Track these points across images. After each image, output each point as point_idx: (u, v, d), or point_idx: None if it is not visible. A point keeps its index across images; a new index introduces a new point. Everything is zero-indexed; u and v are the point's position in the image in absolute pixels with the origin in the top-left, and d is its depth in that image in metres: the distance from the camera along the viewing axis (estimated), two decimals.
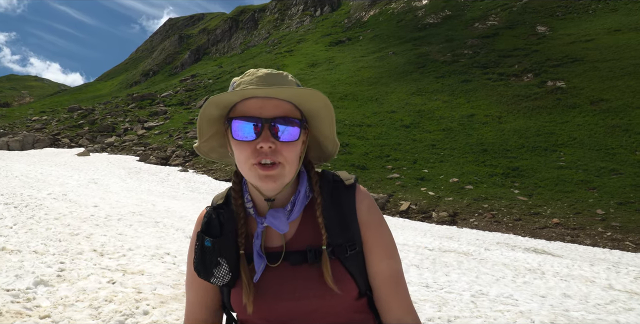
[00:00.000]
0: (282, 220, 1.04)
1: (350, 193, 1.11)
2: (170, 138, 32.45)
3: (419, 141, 24.39)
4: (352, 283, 1.06)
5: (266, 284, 1.05)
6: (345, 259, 1.05)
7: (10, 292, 3.75)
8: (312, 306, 1.03)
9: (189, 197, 14.67)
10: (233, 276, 1.06)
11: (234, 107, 1.03)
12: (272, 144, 0.98)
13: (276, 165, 0.99)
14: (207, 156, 1.16)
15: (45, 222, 6.84)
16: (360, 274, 1.09)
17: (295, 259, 1.05)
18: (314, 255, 1.04)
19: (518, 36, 37.96)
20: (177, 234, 7.55)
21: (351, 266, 1.06)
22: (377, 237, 1.10)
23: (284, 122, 1.00)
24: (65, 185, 12.53)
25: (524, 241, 12.68)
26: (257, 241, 1.06)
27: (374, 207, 1.12)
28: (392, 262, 1.10)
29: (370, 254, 1.09)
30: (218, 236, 1.06)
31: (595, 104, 24.27)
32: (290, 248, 1.07)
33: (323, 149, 1.18)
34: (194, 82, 52.74)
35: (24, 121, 46.56)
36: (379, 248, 1.10)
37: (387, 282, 1.09)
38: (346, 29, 57.93)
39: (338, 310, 1.05)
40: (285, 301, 1.04)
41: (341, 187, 1.12)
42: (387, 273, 1.09)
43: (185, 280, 1.19)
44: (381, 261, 1.09)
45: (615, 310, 5.59)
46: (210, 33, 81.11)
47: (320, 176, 1.13)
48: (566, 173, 18.21)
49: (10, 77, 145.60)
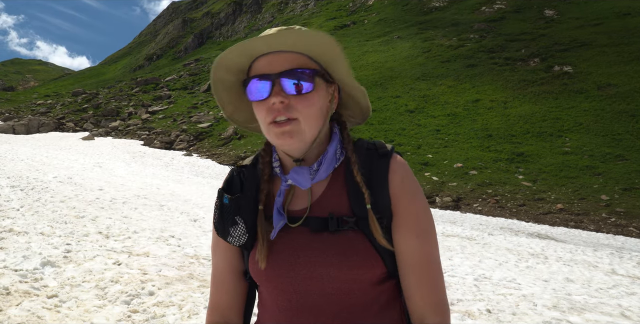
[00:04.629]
0: (305, 176, 0.98)
1: (383, 163, 1.00)
2: (175, 122, 32.46)
3: (424, 126, 24.28)
4: (378, 259, 0.96)
5: (282, 248, 0.99)
6: (371, 233, 0.96)
7: (18, 272, 3.80)
8: (328, 277, 0.96)
9: (193, 181, 14.73)
10: (251, 238, 1.02)
11: (249, 71, 1.00)
12: (284, 98, 0.93)
13: (291, 121, 0.94)
14: (245, 128, 1.14)
15: (52, 205, 6.89)
16: (388, 253, 0.98)
17: (316, 225, 0.98)
18: (335, 223, 0.97)
19: (525, 20, 37.41)
20: (181, 218, 7.60)
21: (376, 240, 0.96)
22: (407, 212, 0.98)
23: (293, 73, 0.94)
24: (70, 169, 12.60)
25: (528, 226, 12.71)
26: (278, 199, 1.01)
27: (409, 179, 1.00)
28: (421, 242, 0.97)
29: (397, 230, 0.98)
30: (237, 193, 1.04)
31: (602, 89, 24.01)
32: (313, 213, 1.00)
33: (356, 102, 1.10)
34: (197, 66, 52.50)
35: (28, 105, 46.69)
36: (407, 224, 0.97)
37: (413, 266, 0.97)
38: (351, 13, 57.23)
39: (357, 287, 0.96)
40: (300, 268, 0.97)
41: (374, 156, 1.02)
42: (412, 255, 0.97)
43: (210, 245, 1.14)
44: (408, 240, 0.97)
45: (618, 294, 5.61)
46: (214, 17, 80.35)
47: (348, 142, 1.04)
48: (571, 159, 18.12)
49: (14, 61, 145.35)
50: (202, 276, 4.43)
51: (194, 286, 4.09)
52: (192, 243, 5.88)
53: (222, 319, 1.12)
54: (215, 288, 1.13)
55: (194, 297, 3.81)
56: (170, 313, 3.43)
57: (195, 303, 3.66)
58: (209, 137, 28.25)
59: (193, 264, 4.84)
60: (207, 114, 32.89)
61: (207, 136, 28.51)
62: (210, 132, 28.90)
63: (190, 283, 4.19)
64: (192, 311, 3.50)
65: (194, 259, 5.02)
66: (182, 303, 3.65)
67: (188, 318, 3.39)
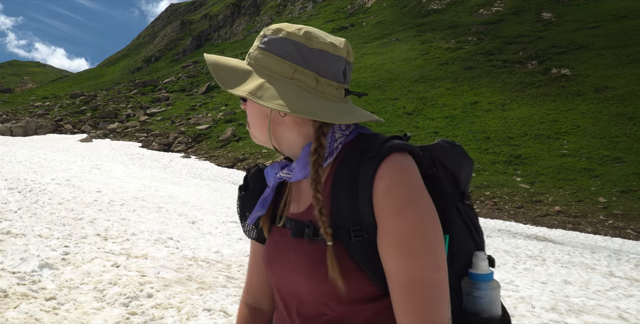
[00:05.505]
0: (271, 173, 1.00)
1: (371, 166, 0.86)
2: (173, 124, 32.45)
3: (422, 129, 24.32)
4: (359, 275, 0.88)
5: (269, 245, 1.03)
6: (350, 245, 0.87)
7: (16, 274, 3.79)
8: (299, 285, 0.94)
9: (191, 183, 14.72)
10: (261, 233, 1.08)
11: None
12: (243, 105, 1.01)
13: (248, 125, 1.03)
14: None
15: (49, 207, 6.88)
16: (377, 269, 0.87)
17: (296, 230, 0.95)
18: (312, 231, 0.91)
19: (523, 23, 37.53)
20: (179, 220, 7.59)
21: (357, 254, 0.87)
22: (390, 226, 0.84)
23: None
24: (68, 170, 12.57)
25: (526, 228, 12.72)
26: (267, 190, 1.02)
27: (397, 186, 0.84)
28: (405, 263, 0.82)
29: (379, 247, 0.86)
30: (246, 190, 1.09)
31: (600, 91, 24.09)
32: (300, 216, 0.97)
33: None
34: (196, 68, 52.52)
35: (26, 106, 46.56)
36: (388, 240, 0.84)
37: (396, 289, 0.84)
38: (349, 15, 57.36)
39: (332, 301, 0.90)
40: (277, 268, 1.00)
41: (365, 158, 0.89)
42: (394, 277, 0.84)
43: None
44: (388, 259, 0.84)
45: (616, 296, 5.63)
46: (212, 19, 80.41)
47: (359, 140, 0.94)
48: (569, 161, 18.17)
49: (12, 63, 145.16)
50: (200, 278, 4.43)
51: (193, 288, 4.09)
52: (190, 245, 5.87)
53: (254, 301, 1.16)
54: (250, 271, 1.18)
55: (193, 299, 3.80)
56: (168, 315, 3.43)
57: (194, 305, 3.66)
58: (207, 139, 28.25)
59: (191, 266, 4.83)
60: (205, 116, 32.88)
61: (205, 138, 28.50)
62: (208, 134, 28.90)
63: (189, 285, 4.18)
64: (191, 313, 3.50)
65: (193, 261, 5.01)
66: (181, 305, 3.65)
67: (187, 320, 3.39)
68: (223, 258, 5.44)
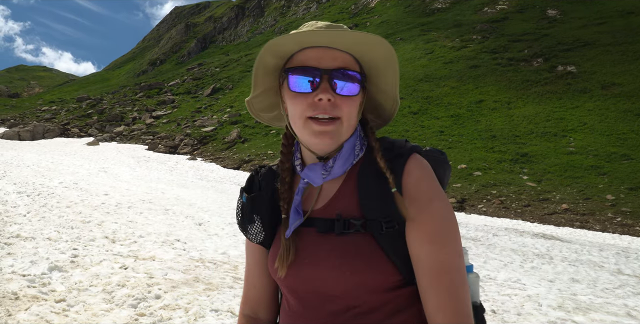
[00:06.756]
0: (317, 173, 0.97)
1: (399, 163, 0.95)
2: (179, 127, 32.58)
3: (427, 128, 24.26)
4: (388, 264, 0.92)
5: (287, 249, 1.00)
6: (381, 236, 0.92)
7: (26, 277, 3.84)
8: (331, 280, 0.93)
9: (197, 185, 14.78)
10: (268, 236, 1.04)
11: (291, 58, 0.99)
12: (332, 96, 0.92)
13: (334, 121, 0.93)
14: (257, 116, 1.13)
15: (58, 211, 6.95)
16: (403, 259, 0.93)
17: (323, 227, 0.96)
18: (342, 225, 0.94)
19: (528, 20, 37.34)
20: (186, 222, 7.64)
21: (387, 245, 0.92)
22: (421, 217, 0.91)
23: (343, 74, 0.94)
24: (75, 174, 12.68)
25: (533, 226, 12.67)
26: (296, 197, 1.00)
27: (425, 181, 0.94)
28: (436, 249, 0.89)
29: (410, 235, 0.92)
30: (255, 192, 1.06)
31: (606, 88, 23.93)
32: (323, 213, 0.98)
33: (380, 108, 1.09)
34: (201, 70, 52.70)
35: (33, 111, 46.99)
36: (420, 229, 0.91)
37: (426, 274, 0.90)
38: (353, 15, 57.33)
39: (364, 291, 0.92)
40: (304, 268, 0.97)
41: (392, 156, 0.97)
42: (426, 262, 0.90)
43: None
44: (420, 246, 0.90)
45: (624, 294, 5.60)
46: (216, 21, 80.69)
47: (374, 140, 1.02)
48: (576, 159, 18.06)
49: (19, 68, 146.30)
50: (207, 279, 4.46)
51: (200, 289, 4.12)
52: (197, 246, 5.91)
53: (252, 312, 1.16)
54: (246, 282, 1.17)
55: (200, 300, 3.84)
56: (176, 316, 3.46)
57: (201, 306, 3.69)
58: (212, 141, 28.33)
59: (198, 267, 4.87)
60: (210, 118, 33.00)
61: (211, 140, 28.59)
62: (214, 136, 28.99)
63: (196, 286, 4.22)
64: (199, 314, 3.53)
65: (200, 263, 5.05)
66: (189, 306, 3.68)
67: (194, 320, 3.42)
68: (230, 259, 5.47)
